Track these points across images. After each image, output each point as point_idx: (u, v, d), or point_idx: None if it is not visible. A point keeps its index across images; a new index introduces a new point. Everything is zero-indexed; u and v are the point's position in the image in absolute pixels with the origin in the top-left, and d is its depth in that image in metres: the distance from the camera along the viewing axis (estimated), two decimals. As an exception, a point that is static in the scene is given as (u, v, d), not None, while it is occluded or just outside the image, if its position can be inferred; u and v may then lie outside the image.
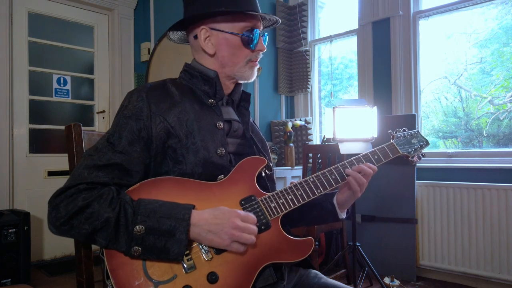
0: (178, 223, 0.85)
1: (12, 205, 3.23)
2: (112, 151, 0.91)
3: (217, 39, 1.03)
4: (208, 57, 1.06)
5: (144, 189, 0.91)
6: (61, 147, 3.59)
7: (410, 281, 2.72)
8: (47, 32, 3.57)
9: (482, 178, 2.61)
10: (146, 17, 4.09)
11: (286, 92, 3.72)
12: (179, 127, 0.96)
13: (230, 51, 1.03)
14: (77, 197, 0.85)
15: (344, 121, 2.44)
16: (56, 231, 0.86)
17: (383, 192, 2.89)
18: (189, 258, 0.88)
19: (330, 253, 3.10)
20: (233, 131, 1.06)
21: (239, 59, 1.04)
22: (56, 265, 3.27)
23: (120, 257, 0.85)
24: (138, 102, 0.95)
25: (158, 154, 0.95)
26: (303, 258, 0.94)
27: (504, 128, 2.78)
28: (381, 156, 1.07)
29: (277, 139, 3.51)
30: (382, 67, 3.11)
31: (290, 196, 0.98)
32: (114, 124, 0.96)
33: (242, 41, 1.03)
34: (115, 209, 0.84)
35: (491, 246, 2.51)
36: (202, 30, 1.04)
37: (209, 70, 1.06)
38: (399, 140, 1.11)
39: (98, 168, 0.89)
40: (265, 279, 0.94)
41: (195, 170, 0.95)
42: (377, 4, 3.08)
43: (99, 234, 0.84)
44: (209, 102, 1.04)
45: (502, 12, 2.79)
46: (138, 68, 4.07)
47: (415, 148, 1.11)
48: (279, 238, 0.94)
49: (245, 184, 0.97)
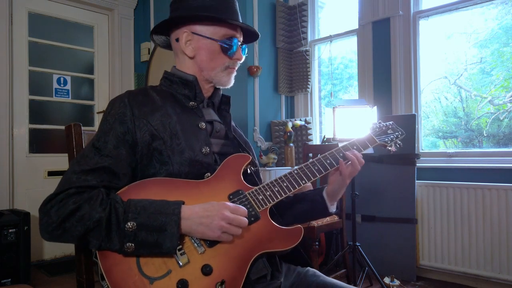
0: (169, 218, 0.86)
1: (12, 205, 3.23)
2: (99, 155, 0.93)
3: (198, 43, 1.07)
4: (188, 60, 1.10)
5: (133, 191, 0.93)
6: (61, 147, 3.59)
7: (410, 281, 2.72)
8: (47, 32, 3.57)
9: (482, 178, 2.61)
10: (146, 17, 4.09)
11: (286, 92, 3.72)
12: (162, 129, 0.98)
13: (209, 56, 1.07)
14: (68, 201, 0.86)
15: (344, 121, 2.44)
16: (48, 237, 0.87)
17: (383, 192, 2.89)
18: (182, 252, 0.89)
19: (330, 253, 3.10)
20: (215, 132, 1.09)
21: (217, 65, 1.08)
22: (56, 265, 3.27)
23: (113, 257, 0.86)
24: (120, 108, 0.98)
25: (143, 157, 0.97)
26: (293, 246, 0.96)
27: (504, 128, 2.78)
28: (360, 146, 1.12)
29: (277, 139, 3.51)
30: (382, 67, 3.11)
31: (276, 188, 1.01)
32: (99, 130, 0.98)
33: (221, 48, 1.07)
34: (105, 209, 0.86)
35: (491, 246, 2.51)
36: (184, 33, 1.07)
37: (188, 75, 1.10)
38: (375, 131, 1.18)
39: (86, 172, 0.90)
40: (259, 270, 0.96)
41: (181, 170, 0.97)
42: (377, 4, 3.08)
43: (91, 234, 0.85)
44: (190, 105, 1.08)
45: (502, 12, 2.79)
46: (138, 68, 4.07)
47: (391, 138, 1.18)
48: (268, 228, 0.97)
49: (232, 180, 1.00)
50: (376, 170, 2.92)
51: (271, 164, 3.27)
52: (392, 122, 1.22)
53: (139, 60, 4.09)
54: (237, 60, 1.10)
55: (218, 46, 1.07)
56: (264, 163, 3.26)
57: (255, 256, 0.92)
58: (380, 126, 1.19)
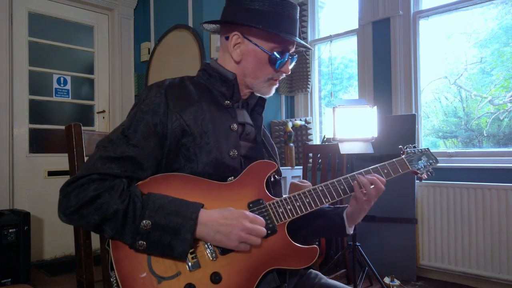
0: (185, 221, 0.85)
1: (12, 205, 3.23)
2: (127, 144, 0.91)
3: (247, 49, 1.03)
4: (233, 62, 1.06)
5: (154, 183, 0.91)
6: (61, 147, 3.58)
7: (410, 281, 2.72)
8: (47, 32, 3.56)
9: (482, 178, 2.61)
10: (146, 17, 4.09)
11: (286, 92, 3.72)
12: (194, 125, 0.96)
13: (255, 65, 1.03)
14: (89, 187, 0.85)
15: (344, 121, 2.44)
16: (65, 219, 0.87)
17: (383, 192, 2.88)
18: (194, 256, 0.88)
19: (330, 253, 3.10)
20: (245, 134, 1.06)
21: (261, 75, 1.04)
22: (56, 265, 3.27)
23: (125, 250, 0.86)
24: (156, 98, 0.96)
25: (171, 151, 0.95)
26: (307, 266, 0.94)
27: (504, 128, 2.78)
28: (390, 170, 1.07)
29: (277, 139, 3.51)
30: (382, 67, 3.11)
31: (298, 203, 0.98)
32: (130, 117, 0.96)
33: (270, 59, 1.02)
34: (124, 202, 0.85)
35: (491, 246, 2.51)
36: (234, 35, 1.03)
37: (228, 72, 1.06)
38: (409, 156, 1.12)
39: (111, 160, 0.89)
40: (268, 283, 0.93)
41: (206, 170, 0.95)
42: (377, 4, 3.08)
43: (107, 224, 0.85)
44: (225, 104, 1.04)
45: (502, 12, 2.79)
46: (138, 68, 4.07)
47: (424, 165, 1.13)
48: (284, 244, 0.94)
49: (254, 187, 0.97)
50: (376, 170, 2.91)
51: (271, 164, 3.26)
52: (427, 148, 1.17)
53: (139, 60, 4.09)
54: (283, 73, 1.06)
55: (267, 57, 1.02)
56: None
57: (266, 271, 0.91)
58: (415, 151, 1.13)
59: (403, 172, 1.09)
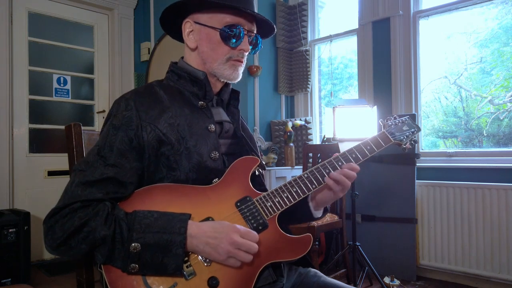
0: (174, 237, 0.83)
1: (12, 205, 3.23)
2: (104, 164, 0.89)
3: (199, 33, 1.01)
4: (191, 52, 1.04)
5: (138, 199, 0.90)
6: (61, 147, 3.59)
7: (410, 281, 2.72)
8: (47, 32, 3.56)
9: (482, 178, 2.61)
10: (146, 17, 4.09)
11: (286, 92, 3.72)
12: (170, 133, 0.94)
13: (209, 45, 1.00)
14: (73, 216, 0.83)
15: (344, 121, 2.44)
16: (53, 252, 0.85)
17: (383, 192, 2.89)
18: (189, 265, 0.87)
19: (330, 252, 3.10)
20: (224, 132, 1.04)
21: (218, 55, 1.00)
22: (56, 265, 3.27)
23: (118, 271, 0.85)
24: (127, 111, 0.93)
25: (151, 163, 0.94)
26: (302, 256, 0.93)
27: (504, 128, 2.78)
28: (374, 146, 1.03)
29: (277, 139, 3.51)
30: (382, 67, 3.11)
31: (285, 194, 0.96)
32: (103, 135, 0.93)
33: (221, 36, 0.99)
34: (110, 227, 0.83)
35: (491, 246, 2.51)
36: (186, 23, 1.02)
37: (197, 70, 1.03)
38: (390, 128, 1.08)
39: (91, 184, 0.86)
40: (265, 279, 0.93)
41: (189, 176, 0.93)
42: (377, 3, 3.08)
43: (97, 251, 0.84)
44: (199, 105, 1.02)
45: (502, 12, 2.79)
46: (138, 68, 4.07)
47: (406, 135, 1.08)
48: (277, 237, 0.93)
49: (239, 185, 0.96)
50: (376, 170, 2.92)
51: (271, 164, 3.27)
52: (408, 117, 1.12)
53: (139, 60, 4.09)
54: (242, 51, 1.01)
55: (218, 35, 0.98)
56: (264, 163, 3.26)
57: (262, 267, 0.90)
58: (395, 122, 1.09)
59: (386, 145, 1.05)
